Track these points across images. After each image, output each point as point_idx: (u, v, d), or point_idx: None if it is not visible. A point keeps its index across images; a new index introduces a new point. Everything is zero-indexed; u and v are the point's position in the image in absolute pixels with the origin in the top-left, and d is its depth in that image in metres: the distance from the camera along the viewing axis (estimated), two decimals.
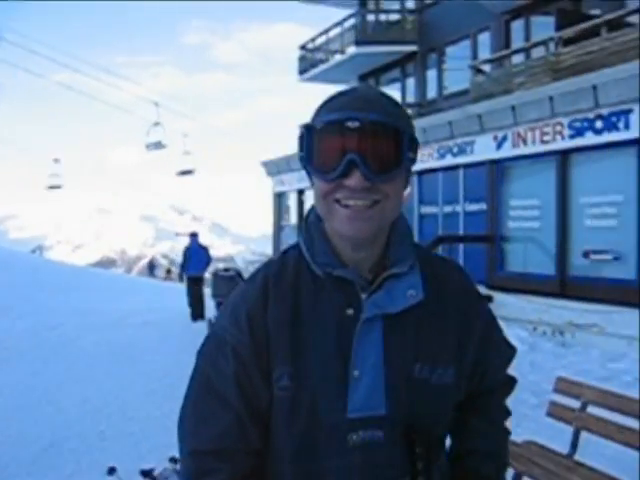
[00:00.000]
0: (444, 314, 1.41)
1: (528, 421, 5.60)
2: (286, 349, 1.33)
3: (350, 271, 1.35)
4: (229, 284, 11.86)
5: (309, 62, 21.31)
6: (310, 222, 1.43)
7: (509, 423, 1.64)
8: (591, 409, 4.17)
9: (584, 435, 4.16)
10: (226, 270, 12.38)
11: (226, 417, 1.34)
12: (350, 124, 1.25)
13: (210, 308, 12.20)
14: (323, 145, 1.28)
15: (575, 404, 4.25)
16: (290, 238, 20.95)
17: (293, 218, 20.98)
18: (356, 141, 1.24)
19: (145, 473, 4.86)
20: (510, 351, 1.62)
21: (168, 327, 12.59)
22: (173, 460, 5.08)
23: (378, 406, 1.31)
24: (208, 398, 1.37)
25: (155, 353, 10.17)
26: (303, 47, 21.89)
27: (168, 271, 41.34)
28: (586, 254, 10.23)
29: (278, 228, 22.04)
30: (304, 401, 1.31)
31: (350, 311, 1.33)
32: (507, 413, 1.64)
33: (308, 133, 1.30)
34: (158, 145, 23.46)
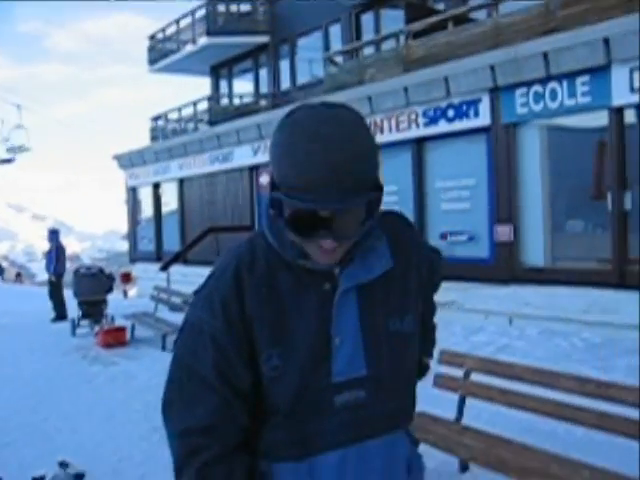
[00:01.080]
0: (405, 270, 1.54)
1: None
2: (271, 331, 1.42)
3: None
4: (92, 282, 11.50)
5: (159, 53, 20.90)
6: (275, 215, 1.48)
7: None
8: (474, 377, 4.52)
9: (469, 401, 4.51)
10: (88, 268, 11.98)
11: (212, 398, 1.43)
12: (322, 213, 1.32)
13: (73, 308, 11.77)
14: (294, 217, 1.34)
15: (459, 373, 4.59)
16: (147, 232, 20.53)
17: (149, 211, 20.55)
18: (328, 222, 1.33)
19: None
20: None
21: (28, 330, 12.04)
22: (63, 465, 4.97)
23: (359, 368, 1.44)
24: (192, 383, 1.44)
25: (19, 357, 9.71)
26: (152, 37, 21.42)
27: (18, 274, 39.47)
28: (443, 236, 10.86)
29: (134, 222, 21.50)
30: (293, 375, 1.41)
31: (327, 286, 1.43)
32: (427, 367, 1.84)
33: (276, 199, 1.37)
34: (22, 149, 22.23)
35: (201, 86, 22.24)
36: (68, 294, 13.36)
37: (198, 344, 1.45)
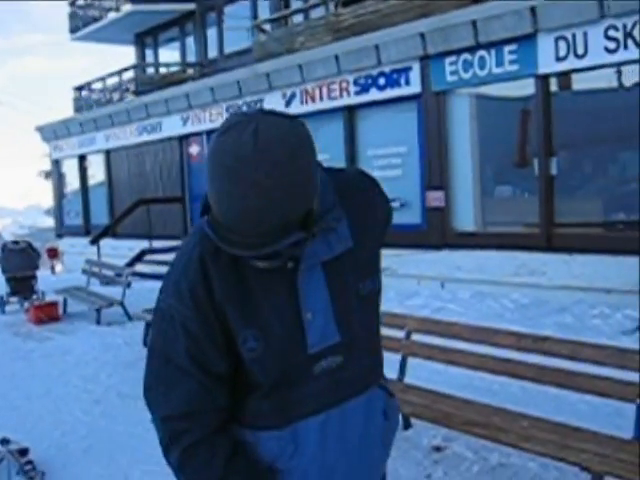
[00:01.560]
0: (366, 233, 1.57)
1: None
2: (242, 315, 1.45)
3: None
4: (20, 257, 11.18)
5: (81, 20, 20.19)
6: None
7: None
8: (415, 337, 4.66)
9: (411, 360, 4.66)
10: (16, 243, 11.61)
11: (188, 384, 1.46)
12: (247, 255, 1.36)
13: (2, 285, 11.43)
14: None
15: (400, 334, 4.71)
16: (73, 205, 20.04)
17: (75, 184, 20.02)
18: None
19: None
20: None
21: None
22: (4, 441, 4.90)
23: (332, 336, 1.49)
24: (168, 369, 1.48)
25: None
26: (73, 3, 20.66)
27: None
28: None
29: (59, 196, 20.92)
30: (272, 354, 1.46)
31: (290, 264, 1.45)
32: None
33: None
34: None
35: (126, 55, 21.71)
36: None
37: (169, 331, 1.48)
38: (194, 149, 15.09)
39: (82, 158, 19.29)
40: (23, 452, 4.73)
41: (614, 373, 3.63)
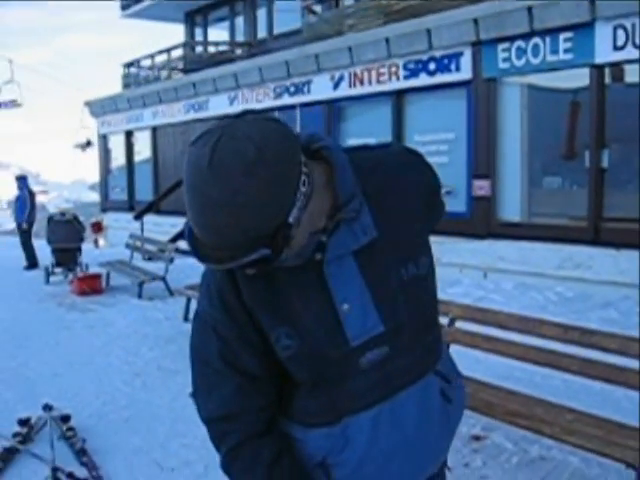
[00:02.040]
0: (400, 215, 1.48)
1: None
2: (272, 313, 1.42)
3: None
4: (66, 228, 11.38)
5: None
6: None
7: None
8: (459, 324, 4.60)
9: (454, 347, 4.60)
10: (62, 214, 11.81)
11: (227, 386, 1.46)
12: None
13: (48, 256, 11.64)
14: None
15: (444, 321, 4.66)
16: (119, 181, 20.28)
17: (121, 160, 20.26)
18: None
19: (22, 422, 4.76)
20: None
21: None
22: (47, 407, 4.99)
23: (376, 326, 1.43)
24: (207, 372, 1.48)
25: None
26: None
27: None
28: None
29: (105, 171, 21.20)
30: (308, 350, 1.42)
31: (318, 256, 1.40)
32: None
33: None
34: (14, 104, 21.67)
35: (175, 33, 21.71)
36: (37, 242, 13.21)
37: (204, 335, 1.49)
38: None
39: (129, 134, 19.49)
40: (65, 418, 4.82)
41: None
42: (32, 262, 12.81)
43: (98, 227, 19.68)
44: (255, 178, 1.20)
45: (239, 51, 18.15)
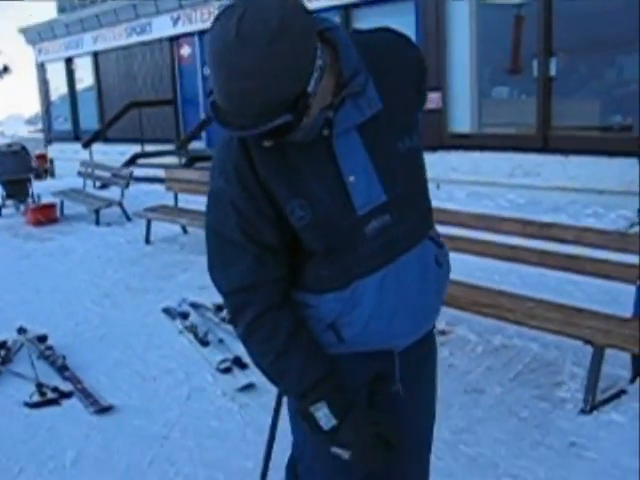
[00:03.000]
0: (397, 91, 1.59)
1: None
2: (286, 186, 1.52)
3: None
4: (14, 159, 11.10)
5: None
6: None
7: None
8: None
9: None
10: (9, 146, 11.51)
11: (245, 259, 1.56)
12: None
13: None
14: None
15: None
16: (61, 110, 19.74)
17: (62, 89, 19.65)
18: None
19: None
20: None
21: None
22: (22, 330, 5.06)
23: (379, 196, 1.55)
24: (225, 247, 1.58)
25: None
26: None
27: None
28: None
29: (46, 101, 20.57)
30: (321, 220, 1.53)
31: (326, 131, 1.50)
32: None
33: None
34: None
35: None
36: None
37: (221, 211, 1.57)
38: (185, 50, 14.80)
39: (69, 61, 18.87)
40: (42, 338, 4.90)
41: (616, 257, 3.79)
42: None
43: (43, 159, 19.24)
44: (279, 46, 1.29)
45: None
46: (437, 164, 9.88)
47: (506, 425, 3.45)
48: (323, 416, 1.57)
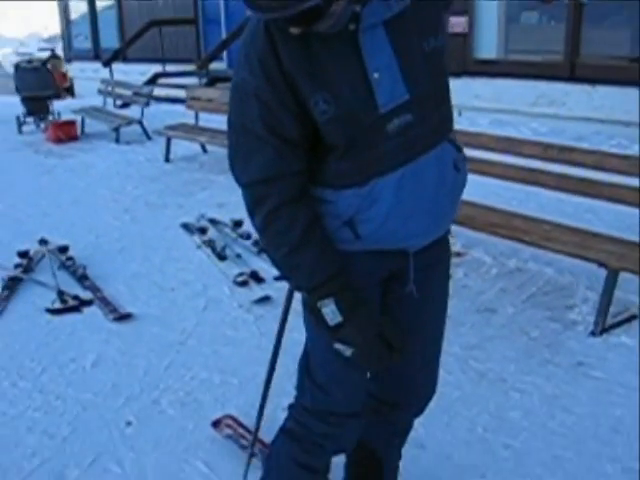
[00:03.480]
0: None
1: None
2: (311, 79, 1.51)
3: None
4: (35, 76, 11.06)
5: None
6: None
7: None
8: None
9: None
10: (29, 62, 11.45)
11: (265, 150, 1.56)
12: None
13: (16, 105, 11.38)
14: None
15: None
16: (82, 28, 19.51)
17: (82, 7, 19.36)
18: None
19: (21, 254, 4.92)
20: None
21: None
22: (43, 242, 5.15)
23: (402, 94, 1.55)
24: (247, 139, 1.59)
25: None
26: None
27: None
28: None
29: (66, 19, 20.30)
30: (343, 115, 1.53)
31: (352, 26, 1.49)
32: None
33: None
34: None
35: None
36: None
37: (244, 103, 1.57)
38: None
39: None
40: (63, 249, 4.99)
41: (636, 182, 3.76)
42: None
43: (63, 77, 19.11)
44: None
45: None
46: (460, 90, 9.62)
47: (516, 343, 3.51)
48: (330, 312, 1.61)
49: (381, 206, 1.60)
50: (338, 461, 2.17)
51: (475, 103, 9.53)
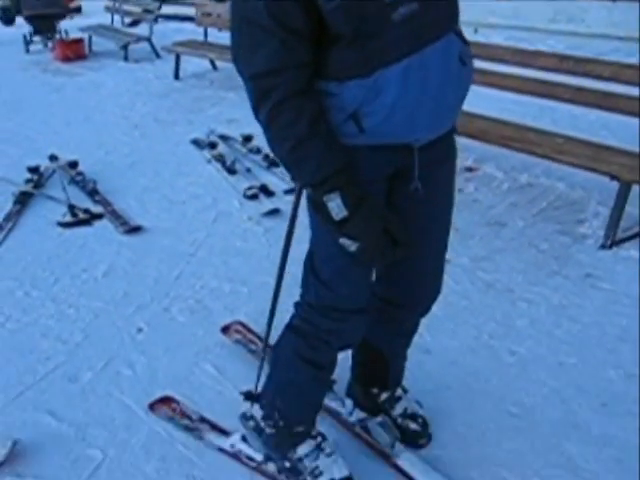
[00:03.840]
0: None
1: None
2: None
3: None
4: None
5: None
6: None
7: None
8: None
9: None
10: None
11: (271, 42, 1.51)
12: None
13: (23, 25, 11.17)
14: None
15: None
16: None
17: None
18: None
19: (32, 169, 4.93)
20: None
21: None
22: (53, 157, 5.14)
23: None
24: (251, 31, 1.53)
25: None
26: None
27: None
28: None
29: None
30: (349, 2, 1.48)
31: None
32: None
33: None
34: None
35: None
36: None
37: None
38: None
39: None
40: (73, 164, 4.99)
41: None
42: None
43: None
44: None
45: None
46: (475, 7, 9.47)
47: (525, 256, 3.51)
48: (335, 206, 1.60)
49: (386, 97, 1.56)
50: (344, 366, 2.22)
51: (491, 20, 9.32)
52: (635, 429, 2.33)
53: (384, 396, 2.29)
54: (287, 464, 2.11)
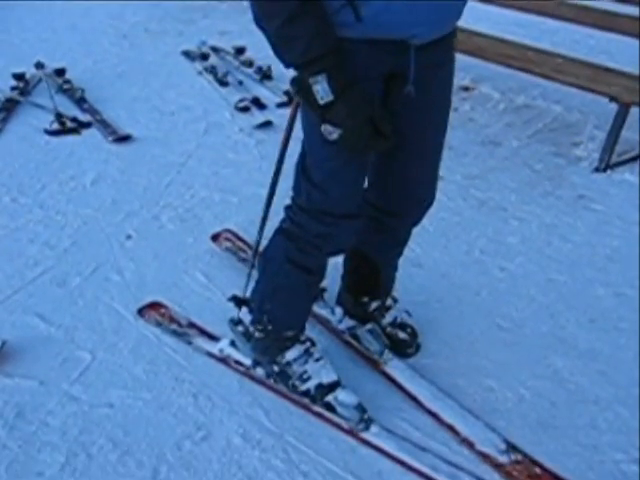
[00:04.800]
0: None
1: None
2: None
3: None
4: None
5: None
6: None
7: None
8: None
9: None
10: None
11: None
12: None
13: None
14: None
15: None
16: None
17: None
18: None
19: (17, 76, 4.79)
20: None
21: None
22: (39, 65, 4.99)
23: None
24: None
25: None
26: None
27: None
28: None
29: None
30: None
31: None
32: None
33: None
34: None
35: None
36: None
37: None
38: None
39: None
40: (60, 72, 4.84)
41: None
42: None
43: None
44: None
45: None
46: None
47: (519, 175, 3.49)
48: (321, 90, 1.54)
49: None
50: (335, 276, 2.21)
51: None
52: (621, 345, 2.36)
53: (374, 305, 2.29)
54: (275, 368, 2.12)
